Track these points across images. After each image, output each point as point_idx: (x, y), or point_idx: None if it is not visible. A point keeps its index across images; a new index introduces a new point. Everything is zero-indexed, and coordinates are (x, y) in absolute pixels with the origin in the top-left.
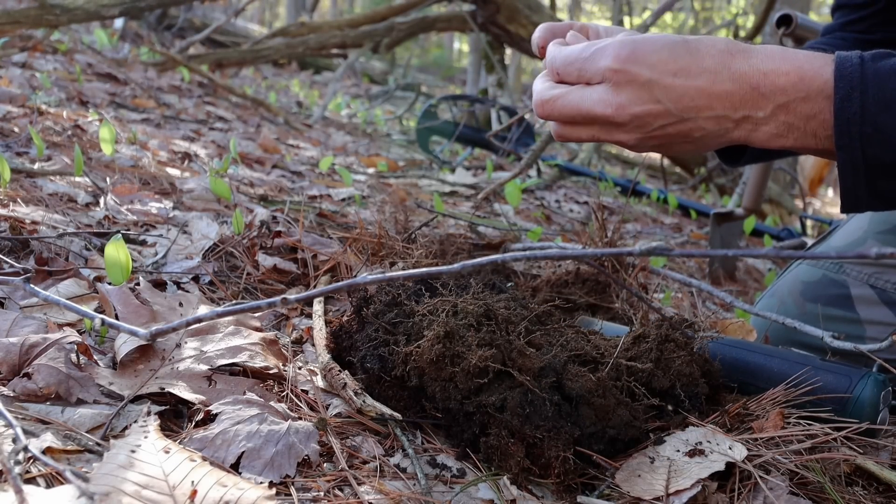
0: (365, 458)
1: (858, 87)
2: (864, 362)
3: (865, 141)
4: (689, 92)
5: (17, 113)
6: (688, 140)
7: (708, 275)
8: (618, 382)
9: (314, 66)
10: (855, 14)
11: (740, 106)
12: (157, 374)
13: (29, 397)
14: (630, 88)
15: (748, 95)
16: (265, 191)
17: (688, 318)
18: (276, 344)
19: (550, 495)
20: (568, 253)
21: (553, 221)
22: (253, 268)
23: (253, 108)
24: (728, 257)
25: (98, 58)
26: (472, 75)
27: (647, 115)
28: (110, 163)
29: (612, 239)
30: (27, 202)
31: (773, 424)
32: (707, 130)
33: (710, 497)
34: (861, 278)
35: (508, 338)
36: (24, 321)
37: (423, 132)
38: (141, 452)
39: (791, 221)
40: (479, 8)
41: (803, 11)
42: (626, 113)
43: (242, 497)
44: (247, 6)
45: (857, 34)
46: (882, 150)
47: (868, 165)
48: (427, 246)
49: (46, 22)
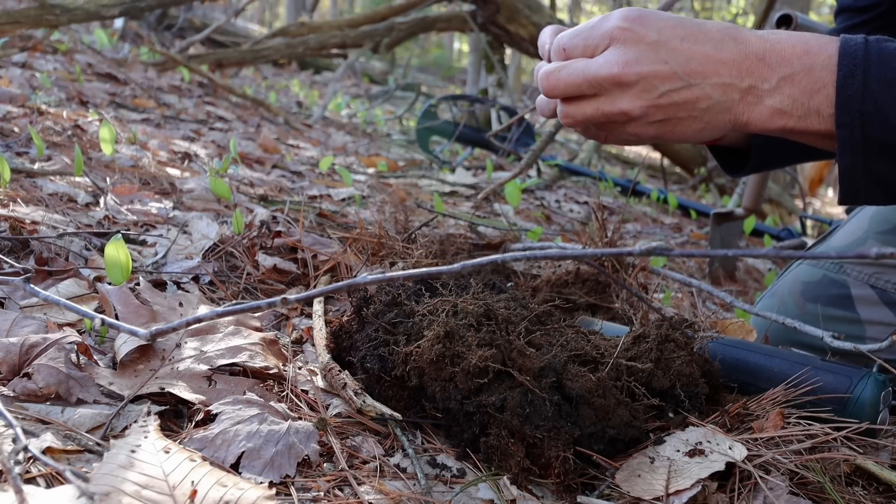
0: (365, 458)
1: (861, 64)
2: (865, 362)
3: (865, 119)
4: (696, 55)
5: (17, 113)
6: (693, 114)
7: (708, 275)
8: (618, 382)
9: (314, 66)
10: (858, 18)
11: (746, 74)
12: (157, 374)
13: (29, 397)
14: (637, 47)
15: (754, 65)
16: (265, 191)
17: (688, 318)
18: (276, 344)
19: (550, 495)
20: (568, 253)
21: (553, 221)
22: (253, 268)
23: (253, 108)
24: (728, 257)
25: (98, 58)
26: (472, 75)
27: (654, 77)
28: (110, 163)
29: (612, 239)
30: (27, 202)
31: (773, 424)
32: (713, 101)
33: (710, 497)
34: (861, 278)
35: (508, 338)
36: (24, 321)
37: (423, 132)
38: (141, 452)
39: (791, 221)
40: (479, 8)
41: (803, 11)
42: (632, 71)
43: (242, 497)
44: (247, 6)
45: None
46: (881, 130)
47: (867, 146)
48: (427, 246)
49: (46, 22)
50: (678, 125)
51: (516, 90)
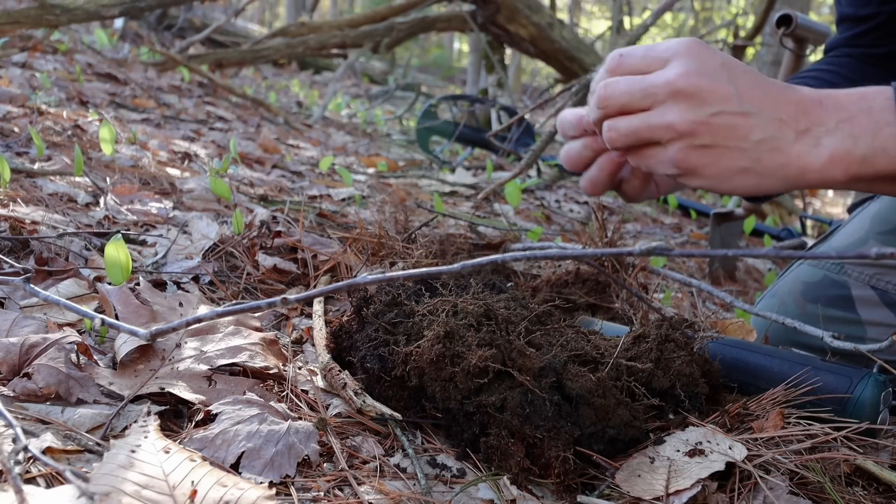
0: (365, 458)
1: None
2: (865, 363)
3: None
4: (759, 86)
5: (17, 113)
6: (742, 145)
7: (708, 275)
8: (618, 382)
9: (314, 66)
10: (858, 27)
11: (803, 116)
12: (157, 374)
13: (29, 397)
14: (701, 63)
15: (811, 107)
16: (265, 191)
17: (688, 318)
18: (276, 344)
19: (550, 495)
20: (568, 253)
21: (553, 221)
22: (253, 268)
23: (253, 108)
24: (728, 257)
25: (98, 58)
26: (472, 75)
27: (711, 93)
28: (110, 163)
29: (612, 239)
30: (27, 202)
31: (773, 424)
32: (766, 135)
33: (710, 497)
34: (862, 279)
35: (508, 338)
36: (24, 321)
37: (423, 132)
38: (141, 452)
39: (791, 221)
40: (479, 8)
41: (803, 11)
42: (690, 81)
43: (242, 497)
44: (247, 6)
45: (864, 48)
46: None
47: None
48: (427, 246)
49: (46, 22)
50: (723, 156)
51: (516, 90)
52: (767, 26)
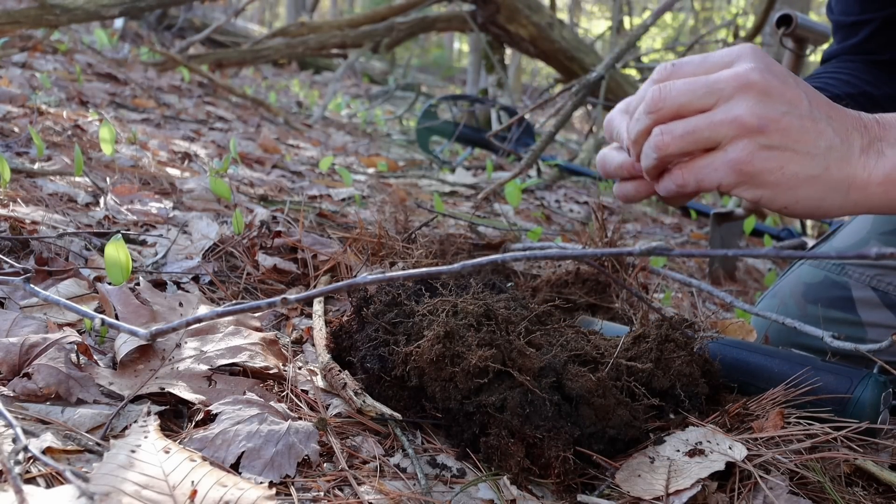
0: (365, 458)
1: None
2: (865, 364)
3: None
4: (823, 98)
5: (17, 113)
6: (812, 150)
7: (708, 275)
8: (618, 382)
9: (314, 66)
10: (853, 37)
11: (865, 131)
12: (157, 374)
13: (29, 397)
14: (769, 63)
15: (871, 124)
16: (265, 191)
17: (688, 318)
18: (276, 344)
19: (550, 495)
20: (568, 253)
21: (553, 221)
22: (253, 268)
23: (253, 108)
24: (728, 257)
25: (98, 58)
26: (472, 75)
27: (781, 91)
28: (110, 163)
29: (612, 239)
30: (27, 202)
31: (773, 424)
32: (834, 143)
33: (710, 497)
34: (863, 280)
35: (508, 338)
36: (24, 321)
37: (423, 132)
38: (141, 452)
39: (791, 221)
40: (479, 8)
41: (803, 11)
42: (761, 77)
43: (242, 497)
44: (247, 6)
45: (866, 55)
46: None
47: None
48: (427, 246)
49: (46, 22)
50: (791, 161)
51: (516, 90)
52: (767, 26)
